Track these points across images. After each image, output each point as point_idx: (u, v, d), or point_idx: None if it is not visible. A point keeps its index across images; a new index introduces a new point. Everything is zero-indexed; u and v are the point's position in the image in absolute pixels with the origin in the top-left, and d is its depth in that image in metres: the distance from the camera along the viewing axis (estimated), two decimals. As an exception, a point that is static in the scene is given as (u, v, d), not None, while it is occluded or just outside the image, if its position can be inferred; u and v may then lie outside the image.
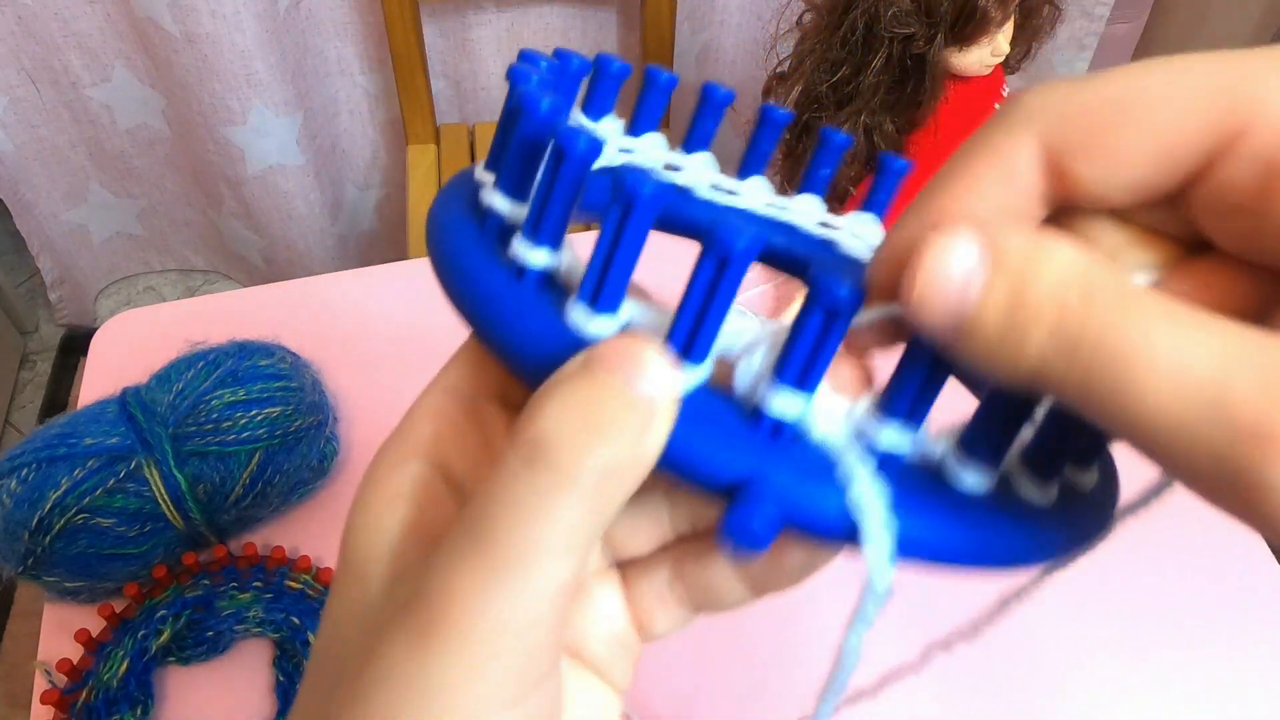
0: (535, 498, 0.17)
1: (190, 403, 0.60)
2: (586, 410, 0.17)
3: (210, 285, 1.68)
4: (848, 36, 0.66)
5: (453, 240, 0.22)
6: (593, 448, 0.17)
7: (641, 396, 0.18)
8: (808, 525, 0.18)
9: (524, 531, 0.17)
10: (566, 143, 0.19)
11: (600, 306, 0.19)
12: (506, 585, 0.17)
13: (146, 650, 0.58)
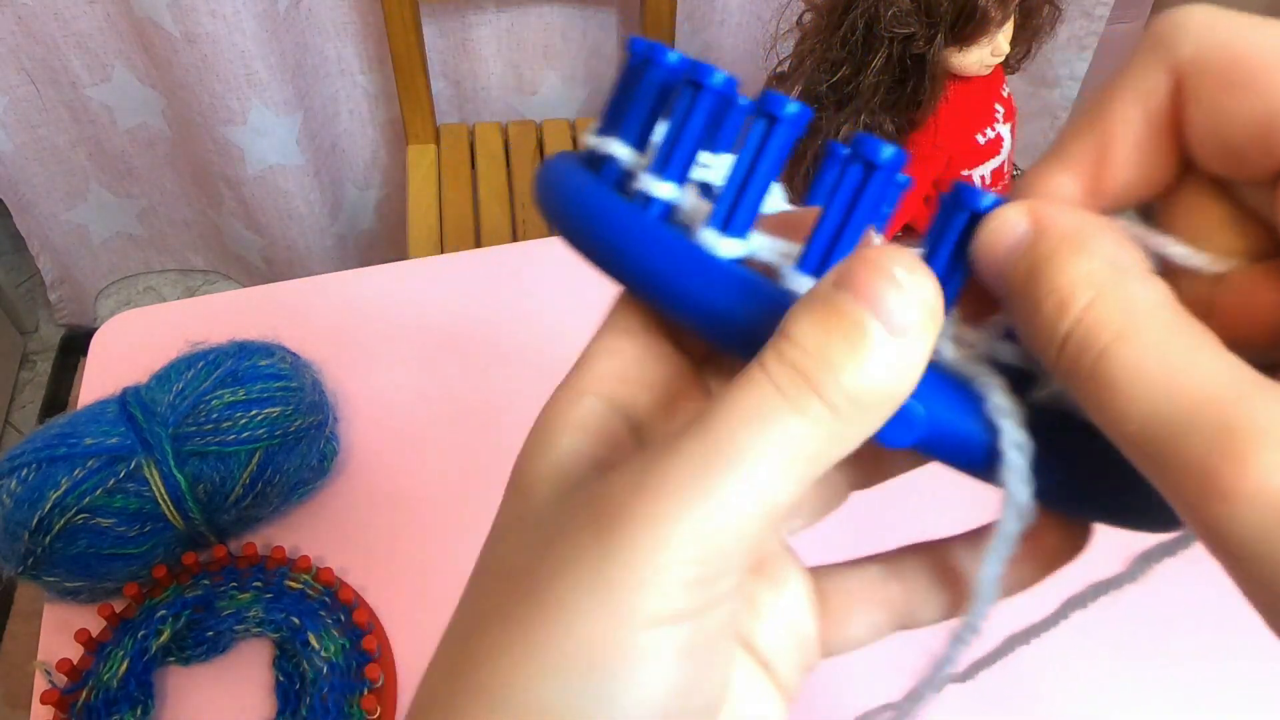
0: (773, 408, 0.17)
1: (190, 403, 0.60)
2: (837, 335, 0.17)
3: (210, 285, 1.68)
4: (848, 36, 0.66)
5: (573, 186, 0.22)
6: (838, 376, 0.17)
7: (895, 325, 0.17)
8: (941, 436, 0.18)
9: (752, 437, 0.17)
10: (704, 76, 0.20)
11: (731, 230, 0.20)
12: (715, 486, 0.17)
13: (146, 650, 0.58)
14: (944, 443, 0.18)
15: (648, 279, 0.20)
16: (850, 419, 0.17)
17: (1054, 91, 1.54)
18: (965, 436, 0.18)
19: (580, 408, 0.22)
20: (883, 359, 0.17)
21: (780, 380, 0.17)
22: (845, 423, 0.17)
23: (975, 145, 0.72)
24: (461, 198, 1.28)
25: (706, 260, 0.19)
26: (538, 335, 0.78)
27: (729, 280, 0.19)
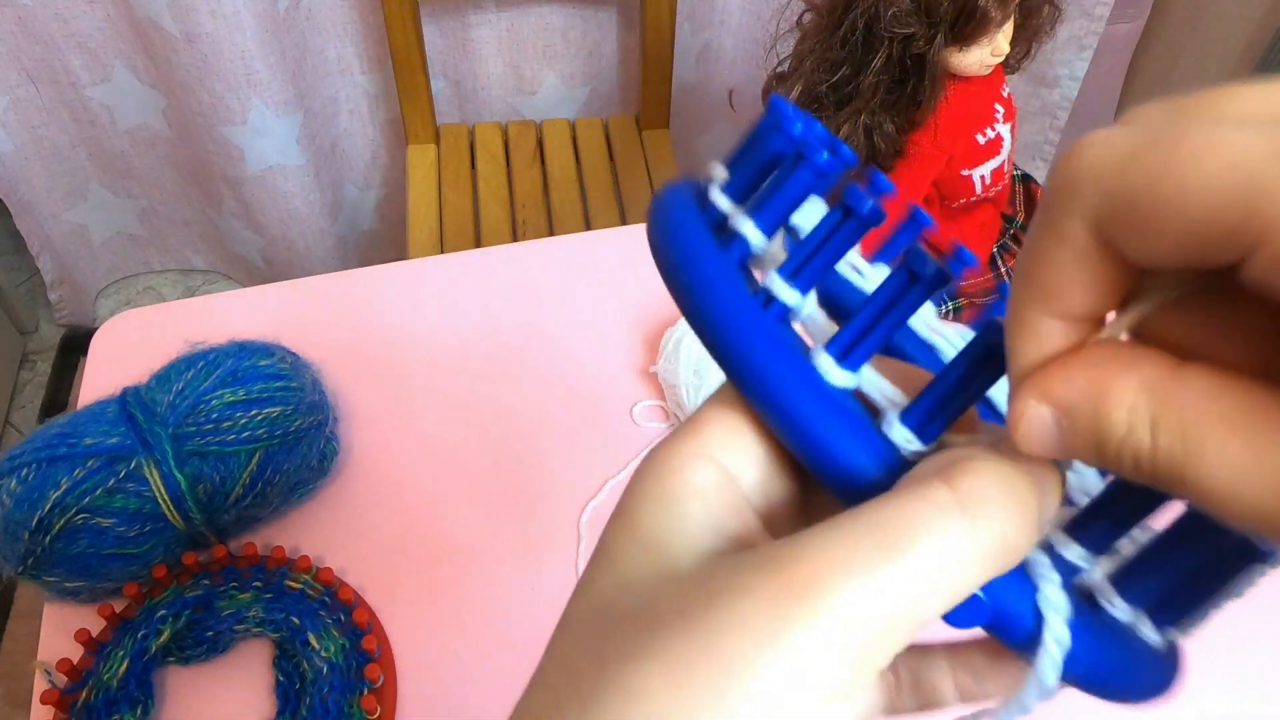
0: (951, 531, 0.19)
1: (190, 403, 0.60)
2: (1012, 491, 0.20)
3: (210, 285, 1.68)
4: (848, 36, 0.66)
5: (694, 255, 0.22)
6: (1006, 523, 0.19)
7: (1043, 505, 0.20)
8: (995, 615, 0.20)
9: (930, 548, 0.19)
10: (855, 202, 0.20)
11: (848, 362, 0.21)
12: (888, 577, 0.18)
13: (146, 650, 0.58)
14: (996, 624, 0.20)
15: (755, 382, 0.21)
16: (1002, 557, 0.20)
17: (1054, 91, 1.54)
18: (1016, 622, 0.20)
19: (702, 474, 0.22)
20: (1033, 527, 0.20)
21: (968, 503, 0.19)
22: (998, 558, 0.20)
23: (975, 145, 0.72)
24: (461, 198, 1.28)
25: (816, 383, 0.21)
26: (537, 335, 0.78)
27: (833, 409, 0.20)
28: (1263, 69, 1.43)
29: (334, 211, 1.51)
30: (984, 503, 0.19)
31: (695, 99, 1.54)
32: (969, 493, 0.19)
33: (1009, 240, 0.80)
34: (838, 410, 0.20)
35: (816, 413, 0.20)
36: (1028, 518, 0.20)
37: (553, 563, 0.65)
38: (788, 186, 0.21)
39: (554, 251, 0.85)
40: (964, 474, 0.20)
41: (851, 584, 0.18)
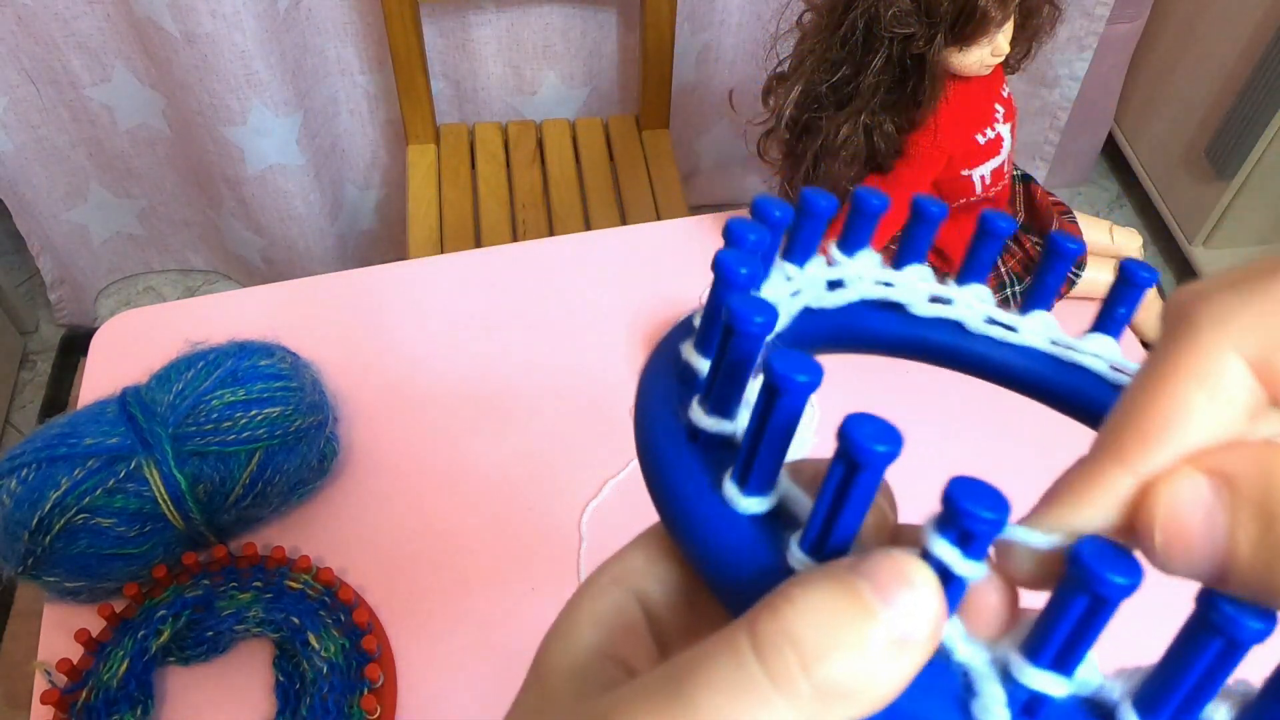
0: (751, 692, 0.16)
1: (190, 403, 0.60)
2: (834, 619, 0.16)
3: (210, 285, 1.68)
4: (848, 36, 0.66)
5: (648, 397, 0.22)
6: (828, 665, 0.16)
7: (899, 629, 0.16)
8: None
9: (725, 711, 0.16)
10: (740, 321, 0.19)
11: (749, 491, 0.20)
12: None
13: (146, 650, 0.58)
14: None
15: (669, 518, 0.21)
16: (831, 708, 0.16)
17: (1054, 91, 1.54)
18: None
19: (604, 601, 0.22)
20: (884, 656, 0.16)
21: (767, 654, 0.16)
22: (824, 710, 0.16)
23: (975, 145, 0.72)
24: (461, 198, 1.28)
25: (722, 513, 0.20)
26: (537, 335, 0.78)
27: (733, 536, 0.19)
28: (1263, 69, 1.43)
29: (334, 211, 1.51)
30: (790, 649, 0.16)
31: (695, 99, 1.54)
32: (769, 639, 0.16)
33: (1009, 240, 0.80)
34: (731, 528, 0.19)
35: (709, 533, 0.20)
36: (870, 653, 0.16)
37: (552, 563, 0.65)
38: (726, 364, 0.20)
39: (554, 251, 0.85)
40: (767, 614, 0.17)
41: None
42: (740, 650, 0.16)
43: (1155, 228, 1.73)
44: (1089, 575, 0.16)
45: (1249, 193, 1.51)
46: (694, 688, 0.16)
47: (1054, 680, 0.17)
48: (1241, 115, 1.47)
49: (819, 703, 0.16)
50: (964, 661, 0.17)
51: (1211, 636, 0.16)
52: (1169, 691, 0.17)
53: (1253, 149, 1.45)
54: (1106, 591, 0.16)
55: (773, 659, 0.16)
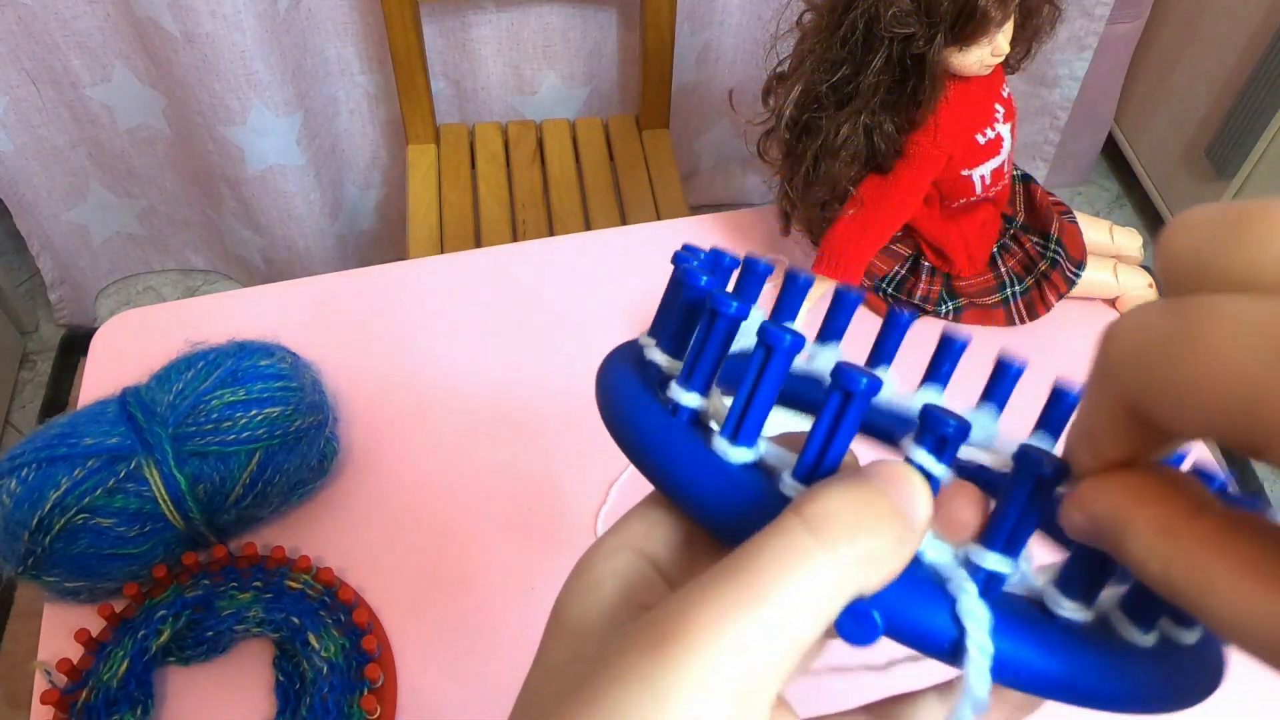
0: (804, 556, 0.20)
1: (190, 403, 0.60)
2: (862, 506, 0.21)
3: (210, 285, 1.68)
4: (848, 36, 0.66)
5: (620, 387, 0.26)
6: (860, 536, 0.20)
7: (907, 512, 0.21)
8: (911, 630, 0.21)
9: (786, 577, 0.20)
10: (720, 304, 0.23)
11: (741, 439, 0.23)
12: (752, 614, 0.19)
13: (146, 650, 0.58)
14: (912, 636, 0.21)
15: (666, 477, 0.24)
16: (867, 571, 0.20)
17: (1054, 91, 1.54)
18: (936, 636, 0.21)
19: (618, 559, 0.25)
20: (901, 533, 0.21)
21: (819, 531, 0.20)
22: (863, 573, 0.20)
23: (975, 145, 0.72)
24: (461, 198, 1.28)
25: (716, 464, 0.23)
26: (537, 335, 0.78)
27: (729, 483, 0.23)
28: (1263, 69, 1.43)
29: (334, 211, 1.51)
30: (832, 522, 0.20)
31: (695, 99, 1.54)
32: (816, 516, 0.20)
33: (1009, 240, 0.80)
34: (726, 477, 0.23)
35: (708, 483, 0.23)
36: (889, 529, 0.21)
37: (552, 563, 0.65)
38: (709, 345, 0.24)
39: (554, 251, 0.85)
40: (811, 500, 0.21)
41: (714, 624, 0.19)
42: (793, 529, 0.20)
43: (1155, 228, 1.73)
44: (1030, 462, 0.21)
45: (1249, 193, 1.51)
46: (758, 562, 0.20)
47: (1003, 561, 0.22)
48: (1241, 115, 1.47)
49: (856, 567, 0.20)
50: (933, 561, 0.22)
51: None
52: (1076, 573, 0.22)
53: (1253, 149, 1.45)
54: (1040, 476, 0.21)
55: (824, 530, 0.20)
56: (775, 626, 0.19)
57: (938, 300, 0.79)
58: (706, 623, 0.19)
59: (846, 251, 0.75)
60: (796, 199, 0.76)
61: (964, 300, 0.80)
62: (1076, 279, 0.79)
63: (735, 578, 0.20)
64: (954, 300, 0.80)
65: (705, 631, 0.19)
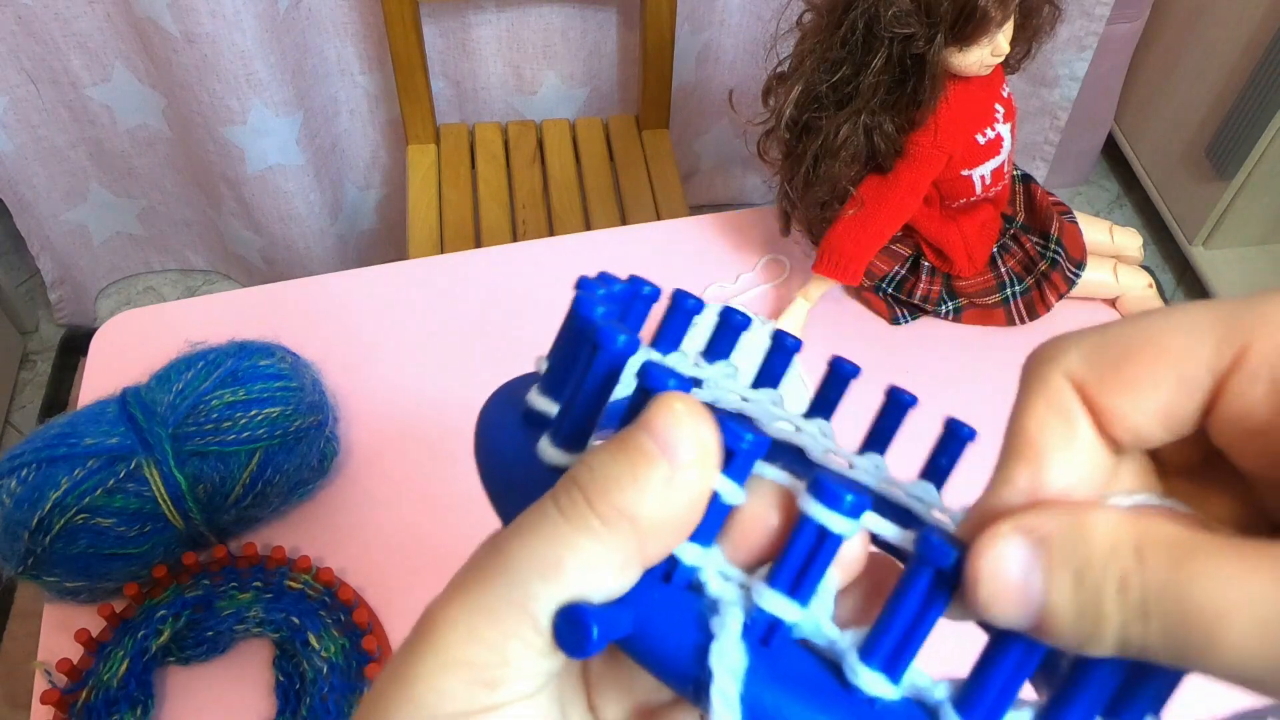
0: (548, 526, 0.19)
1: (190, 403, 0.60)
2: (613, 461, 0.19)
3: (210, 285, 1.68)
4: (848, 36, 0.66)
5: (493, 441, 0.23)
6: (612, 492, 0.19)
7: (669, 453, 0.19)
8: (647, 655, 0.19)
9: (524, 548, 0.19)
10: (603, 338, 0.20)
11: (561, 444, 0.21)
12: (487, 590, 0.19)
13: (146, 650, 0.58)
14: (650, 662, 0.19)
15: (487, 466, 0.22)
16: (625, 537, 0.18)
17: (1054, 91, 1.54)
18: (677, 668, 0.19)
19: None
20: (660, 482, 0.18)
21: (561, 499, 0.19)
22: (620, 539, 0.18)
23: (975, 145, 0.72)
24: (461, 198, 1.28)
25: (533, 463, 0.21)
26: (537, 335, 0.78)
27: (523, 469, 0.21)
28: (1263, 69, 1.43)
29: (334, 211, 1.51)
30: (581, 486, 0.19)
31: (695, 99, 1.54)
32: (565, 484, 0.19)
33: (1009, 240, 0.80)
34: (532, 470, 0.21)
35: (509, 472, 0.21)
36: (645, 474, 0.18)
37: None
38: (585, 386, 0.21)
39: (554, 251, 0.85)
40: (565, 475, 0.20)
41: (450, 611, 0.19)
42: (543, 505, 0.19)
43: (1155, 228, 1.73)
44: (822, 494, 0.18)
45: (1249, 193, 1.51)
46: (505, 540, 0.19)
47: (788, 605, 0.19)
48: (1241, 115, 1.47)
49: (612, 533, 0.18)
50: (715, 592, 0.19)
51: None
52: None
53: (1253, 149, 1.45)
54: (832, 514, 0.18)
55: (564, 501, 0.19)
56: (508, 607, 0.18)
57: (938, 300, 0.79)
58: (443, 613, 0.19)
59: (846, 251, 0.75)
60: (796, 199, 0.76)
61: (964, 300, 0.80)
62: (1076, 279, 0.79)
63: (474, 561, 0.20)
64: (954, 300, 0.80)
65: (441, 621, 0.19)
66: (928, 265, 0.79)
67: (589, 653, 0.18)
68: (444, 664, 0.19)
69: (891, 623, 0.19)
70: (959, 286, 0.79)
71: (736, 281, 0.84)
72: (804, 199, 0.75)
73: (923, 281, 0.79)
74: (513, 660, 0.19)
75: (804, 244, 0.82)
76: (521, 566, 0.19)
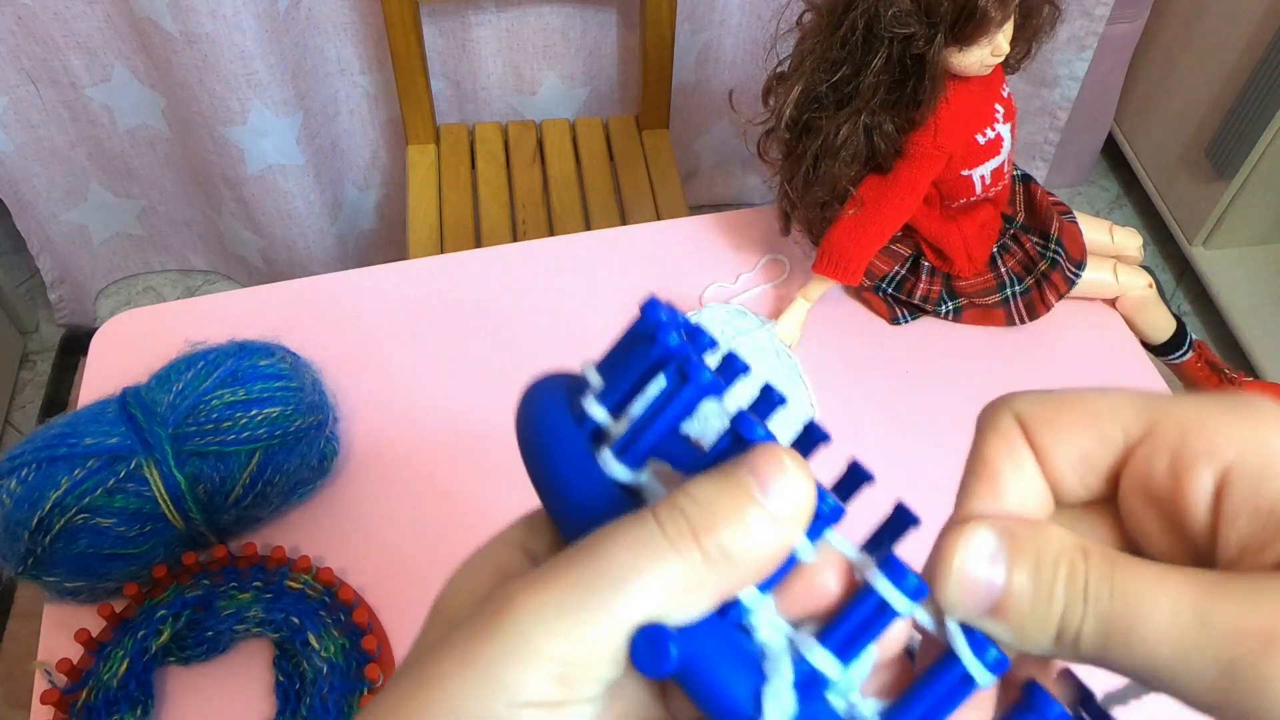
0: (645, 545, 0.20)
1: (190, 403, 0.60)
2: (720, 499, 0.20)
3: (210, 285, 1.68)
4: (848, 36, 0.66)
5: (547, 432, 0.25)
6: (715, 529, 0.20)
7: (773, 506, 0.20)
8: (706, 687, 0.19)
9: (629, 563, 0.19)
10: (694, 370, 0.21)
11: (626, 458, 0.22)
12: (589, 596, 0.19)
13: (146, 650, 0.58)
14: (705, 694, 0.19)
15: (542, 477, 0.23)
16: (718, 570, 0.20)
17: (1054, 91, 1.54)
18: (728, 700, 0.19)
19: (498, 552, 0.25)
20: (758, 527, 0.20)
21: (665, 522, 0.20)
22: (712, 572, 0.20)
23: (975, 145, 0.72)
24: (461, 198, 1.28)
25: (591, 471, 0.22)
26: (537, 335, 0.78)
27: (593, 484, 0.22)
28: (1263, 69, 1.43)
29: (334, 211, 1.51)
30: (687, 516, 0.20)
31: (695, 99, 1.54)
32: (669, 508, 0.20)
33: (1009, 240, 0.80)
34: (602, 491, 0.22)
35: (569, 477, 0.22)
36: (750, 521, 0.20)
37: (553, 563, 0.65)
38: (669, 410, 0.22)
39: (554, 251, 0.85)
40: (671, 496, 0.20)
41: (539, 604, 0.19)
42: (646, 522, 0.20)
43: (1155, 228, 1.73)
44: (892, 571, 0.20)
45: (1249, 193, 1.51)
46: (606, 548, 0.20)
47: (833, 664, 0.20)
48: (1241, 115, 1.47)
49: (707, 565, 0.20)
50: (764, 640, 0.20)
51: (952, 664, 0.20)
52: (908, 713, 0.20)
53: (1253, 149, 1.45)
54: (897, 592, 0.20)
55: (671, 526, 0.20)
56: (602, 611, 0.19)
57: (938, 300, 0.79)
58: (532, 602, 0.19)
59: (846, 251, 0.75)
60: (796, 199, 0.76)
61: (964, 300, 0.80)
62: (1076, 279, 0.79)
63: (570, 561, 0.20)
64: (954, 300, 0.80)
65: (529, 610, 0.19)
66: (928, 265, 0.79)
67: (664, 674, 0.19)
68: (531, 653, 0.19)
69: (915, 703, 0.20)
70: (959, 286, 0.79)
71: (736, 281, 0.84)
72: (804, 199, 0.75)
73: (923, 281, 0.79)
74: (592, 663, 0.19)
75: (804, 244, 0.82)
76: (621, 576, 0.19)
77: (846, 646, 0.20)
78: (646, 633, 0.19)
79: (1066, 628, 0.20)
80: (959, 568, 0.21)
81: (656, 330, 0.22)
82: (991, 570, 0.21)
